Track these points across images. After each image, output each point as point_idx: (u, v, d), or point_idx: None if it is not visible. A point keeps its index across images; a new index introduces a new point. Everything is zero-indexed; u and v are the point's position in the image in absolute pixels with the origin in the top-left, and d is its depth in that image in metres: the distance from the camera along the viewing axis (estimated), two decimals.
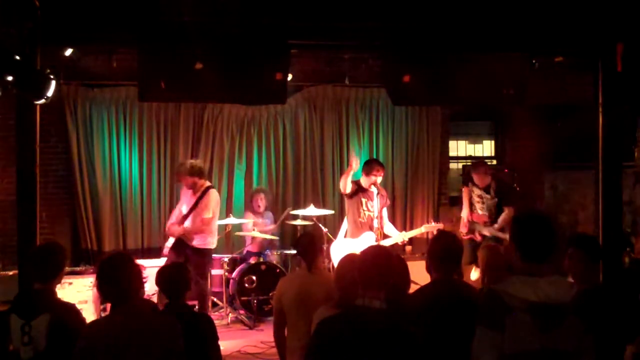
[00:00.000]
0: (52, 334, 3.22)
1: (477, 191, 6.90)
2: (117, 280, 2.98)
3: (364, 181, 6.44)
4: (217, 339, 3.51)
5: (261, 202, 7.58)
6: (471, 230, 6.87)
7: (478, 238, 6.79)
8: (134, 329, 2.90)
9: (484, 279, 4.28)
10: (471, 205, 6.99)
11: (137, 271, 3.11)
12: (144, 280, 3.46)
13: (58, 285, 3.52)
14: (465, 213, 6.99)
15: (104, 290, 3.03)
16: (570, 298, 2.53)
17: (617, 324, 3.34)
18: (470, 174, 7.07)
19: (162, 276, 3.65)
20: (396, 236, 6.59)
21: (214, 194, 6.32)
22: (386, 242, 6.53)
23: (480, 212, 6.89)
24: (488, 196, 6.83)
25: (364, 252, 2.86)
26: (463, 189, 7.17)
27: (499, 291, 2.55)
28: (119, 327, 2.91)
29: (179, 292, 3.56)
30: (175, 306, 3.52)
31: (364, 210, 6.42)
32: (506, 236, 6.51)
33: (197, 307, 5.97)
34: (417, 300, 3.35)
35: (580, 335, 2.54)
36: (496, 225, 6.70)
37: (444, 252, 3.40)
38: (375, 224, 6.31)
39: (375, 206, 6.34)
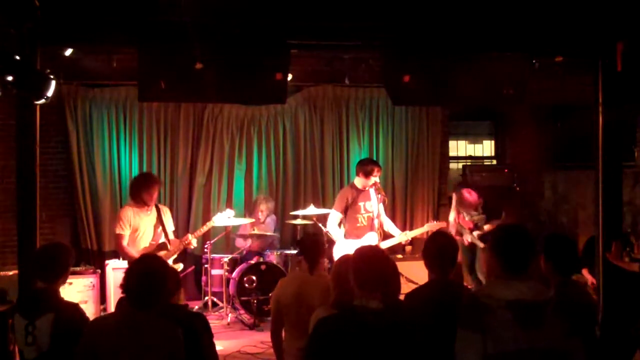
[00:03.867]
0: (56, 334, 3.22)
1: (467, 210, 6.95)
2: (150, 286, 2.95)
3: (361, 182, 6.35)
4: (212, 338, 3.51)
5: (262, 213, 7.57)
6: (459, 233, 6.90)
7: (466, 242, 6.83)
8: (136, 331, 2.90)
9: None
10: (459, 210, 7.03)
11: (165, 282, 3.08)
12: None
13: (60, 286, 3.52)
14: (452, 217, 7.03)
15: (129, 290, 2.97)
16: (547, 297, 2.56)
17: (622, 328, 3.35)
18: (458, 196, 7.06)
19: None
20: (398, 236, 6.56)
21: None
22: (388, 243, 6.51)
23: (467, 218, 6.93)
24: (475, 213, 6.90)
25: (359, 253, 2.85)
26: (454, 193, 7.19)
27: (477, 293, 2.63)
28: (122, 327, 2.91)
29: (170, 292, 3.55)
30: (167, 306, 3.51)
31: (362, 214, 6.37)
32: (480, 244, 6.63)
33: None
34: (414, 300, 3.35)
35: (564, 336, 2.55)
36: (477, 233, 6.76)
37: (439, 252, 3.42)
38: (376, 223, 6.28)
39: (374, 205, 6.32)
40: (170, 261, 5.84)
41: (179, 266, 5.99)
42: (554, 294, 2.64)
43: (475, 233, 6.78)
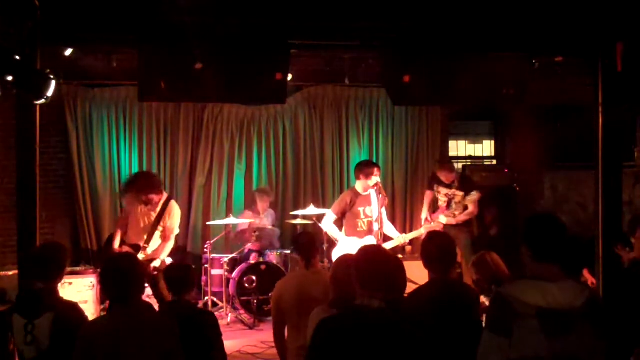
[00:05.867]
0: (55, 333, 3.23)
1: (443, 190, 7.15)
2: (120, 280, 3.00)
3: (362, 185, 6.31)
4: (220, 335, 3.55)
5: (264, 204, 7.57)
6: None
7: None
8: (132, 329, 2.92)
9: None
10: (433, 206, 7.37)
11: (141, 273, 3.13)
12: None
13: (58, 285, 3.53)
14: (424, 215, 7.23)
15: (107, 288, 3.06)
16: (581, 303, 2.49)
17: (622, 326, 3.33)
18: (435, 174, 7.35)
19: (168, 274, 3.69)
20: (397, 239, 6.56)
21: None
22: (387, 245, 6.49)
23: (441, 204, 7.16)
24: (453, 190, 7.09)
25: (361, 252, 2.85)
26: (426, 192, 7.50)
27: (507, 296, 2.52)
28: (117, 327, 2.92)
29: (183, 290, 3.60)
30: (179, 304, 3.55)
31: (362, 219, 6.34)
32: (459, 218, 6.90)
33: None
34: (415, 300, 3.35)
35: (591, 341, 2.50)
36: (457, 214, 6.93)
37: (437, 252, 3.41)
38: (376, 227, 6.26)
39: (374, 210, 6.29)
40: None
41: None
42: (589, 296, 2.54)
43: (457, 213, 6.92)
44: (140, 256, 5.70)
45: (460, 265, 6.85)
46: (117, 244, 5.84)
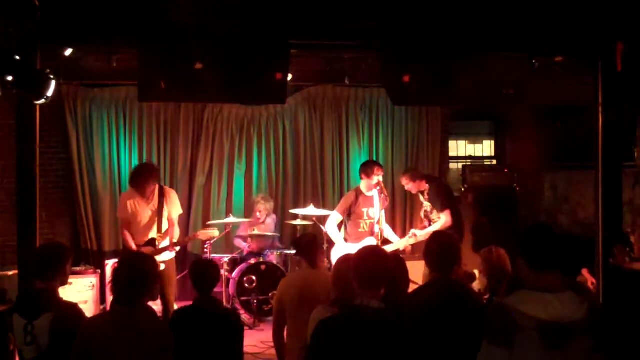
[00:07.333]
0: (55, 333, 3.22)
1: (423, 200, 6.69)
2: (129, 282, 2.97)
3: (366, 185, 6.34)
4: (243, 332, 3.61)
5: (260, 213, 7.53)
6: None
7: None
8: (131, 332, 2.91)
9: (488, 284, 4.29)
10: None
11: (153, 278, 3.11)
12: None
13: (59, 285, 3.52)
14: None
15: (116, 287, 3.02)
16: (581, 316, 2.48)
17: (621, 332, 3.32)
18: None
19: (194, 271, 3.71)
20: (402, 240, 6.51)
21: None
22: (393, 247, 6.46)
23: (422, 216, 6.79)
24: (427, 203, 6.65)
25: (360, 253, 2.86)
26: None
27: (508, 307, 2.49)
28: (117, 328, 2.93)
29: (208, 286, 3.63)
30: (204, 300, 3.58)
31: (364, 220, 6.35)
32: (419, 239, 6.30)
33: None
34: (416, 300, 3.36)
35: (590, 353, 2.49)
36: (426, 230, 6.41)
37: (440, 252, 3.42)
38: (376, 229, 6.25)
39: (376, 212, 6.28)
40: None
41: (161, 267, 5.82)
42: (589, 307, 2.52)
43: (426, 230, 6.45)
44: (164, 244, 5.77)
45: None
46: (133, 244, 5.75)
